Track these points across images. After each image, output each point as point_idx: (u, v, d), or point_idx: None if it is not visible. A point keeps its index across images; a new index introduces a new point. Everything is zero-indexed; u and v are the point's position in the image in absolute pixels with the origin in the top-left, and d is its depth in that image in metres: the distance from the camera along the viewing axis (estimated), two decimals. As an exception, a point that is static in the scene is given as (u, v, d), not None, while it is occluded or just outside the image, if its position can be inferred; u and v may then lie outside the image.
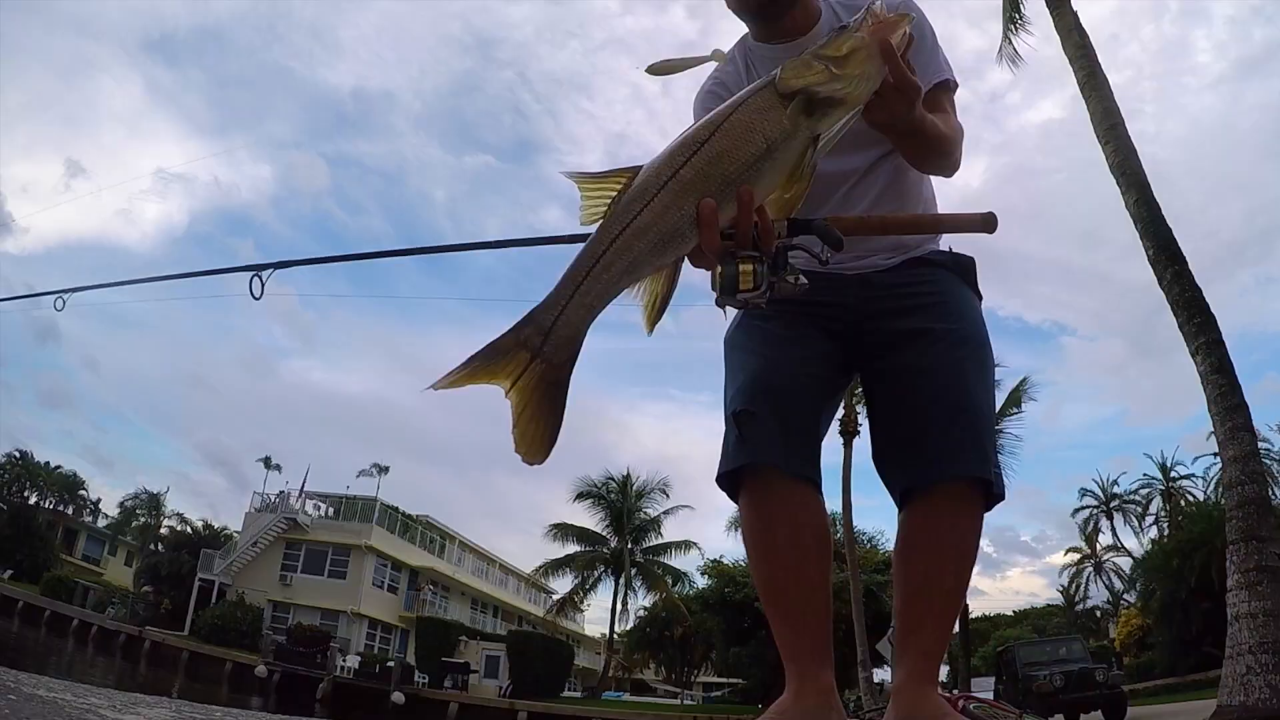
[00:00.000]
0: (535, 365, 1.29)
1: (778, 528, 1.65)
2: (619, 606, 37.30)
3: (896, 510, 1.71)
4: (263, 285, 1.84)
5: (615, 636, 38.93)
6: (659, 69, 1.53)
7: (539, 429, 1.30)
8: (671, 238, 1.29)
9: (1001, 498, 1.64)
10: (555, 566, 38.87)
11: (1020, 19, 13.58)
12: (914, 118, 1.47)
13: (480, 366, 1.29)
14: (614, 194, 1.30)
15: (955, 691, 13.46)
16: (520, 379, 1.29)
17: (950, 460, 1.58)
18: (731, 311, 1.54)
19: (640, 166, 1.32)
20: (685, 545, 37.94)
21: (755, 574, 1.72)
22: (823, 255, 1.39)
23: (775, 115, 1.28)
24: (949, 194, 1.69)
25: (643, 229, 1.27)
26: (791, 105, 1.29)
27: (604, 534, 38.04)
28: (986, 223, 1.45)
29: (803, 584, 1.64)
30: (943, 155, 1.65)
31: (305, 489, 38.10)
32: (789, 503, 1.64)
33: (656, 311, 1.34)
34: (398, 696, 26.76)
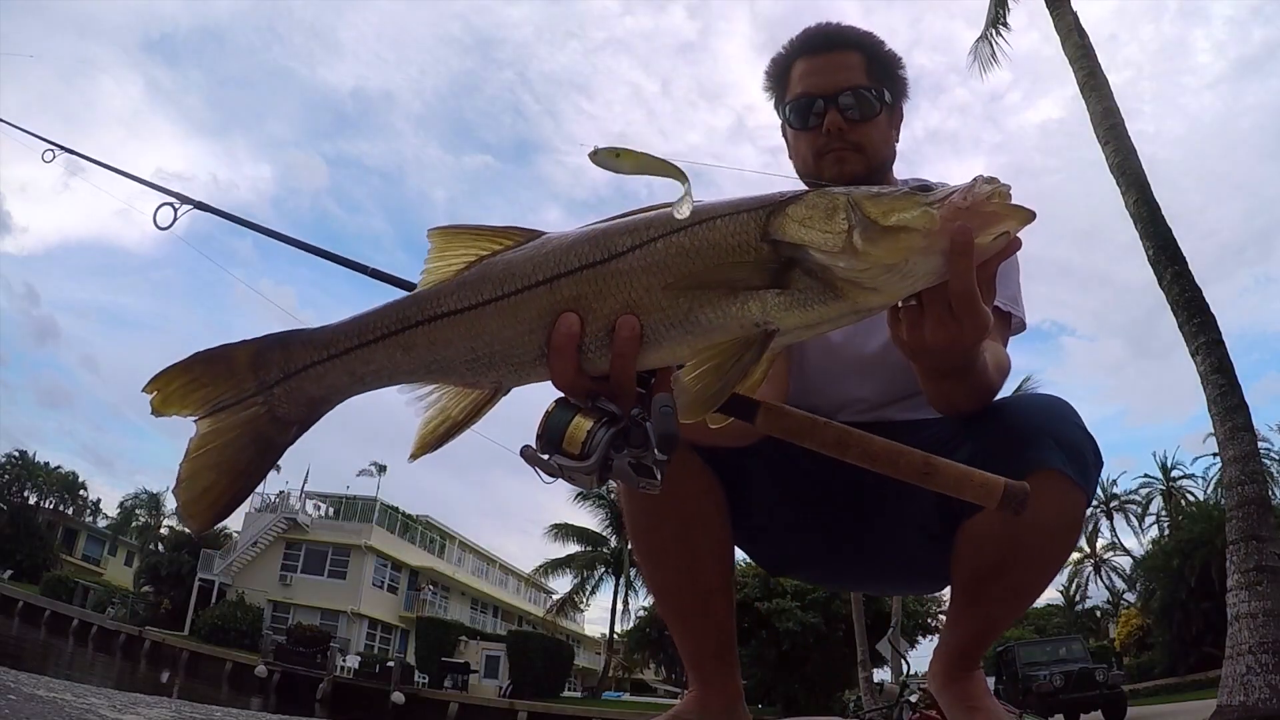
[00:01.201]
0: (253, 405, 0.95)
1: (665, 522, 1.41)
2: (619, 606, 37.34)
3: None
4: (174, 217, 1.56)
5: (615, 636, 38.92)
6: (606, 160, 0.97)
7: (218, 486, 0.95)
8: (507, 358, 0.94)
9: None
10: (555, 566, 38.86)
11: (1003, 24, 13.57)
12: (958, 364, 1.08)
13: (201, 373, 0.95)
14: (475, 258, 0.97)
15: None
16: (225, 410, 0.95)
17: (1036, 449, 1.23)
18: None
19: (539, 235, 0.97)
20: (685, 545, 37.84)
21: (645, 575, 1.52)
22: (655, 452, 0.90)
23: (735, 262, 0.89)
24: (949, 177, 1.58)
25: (475, 325, 0.93)
26: (763, 257, 0.89)
27: (604, 534, 38.03)
28: (1010, 500, 0.95)
29: (698, 587, 1.45)
30: (976, 404, 1.27)
31: (305, 489, 38.12)
32: (680, 488, 1.34)
33: (436, 439, 0.98)
34: (398, 696, 26.74)
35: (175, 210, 1.59)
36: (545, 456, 0.91)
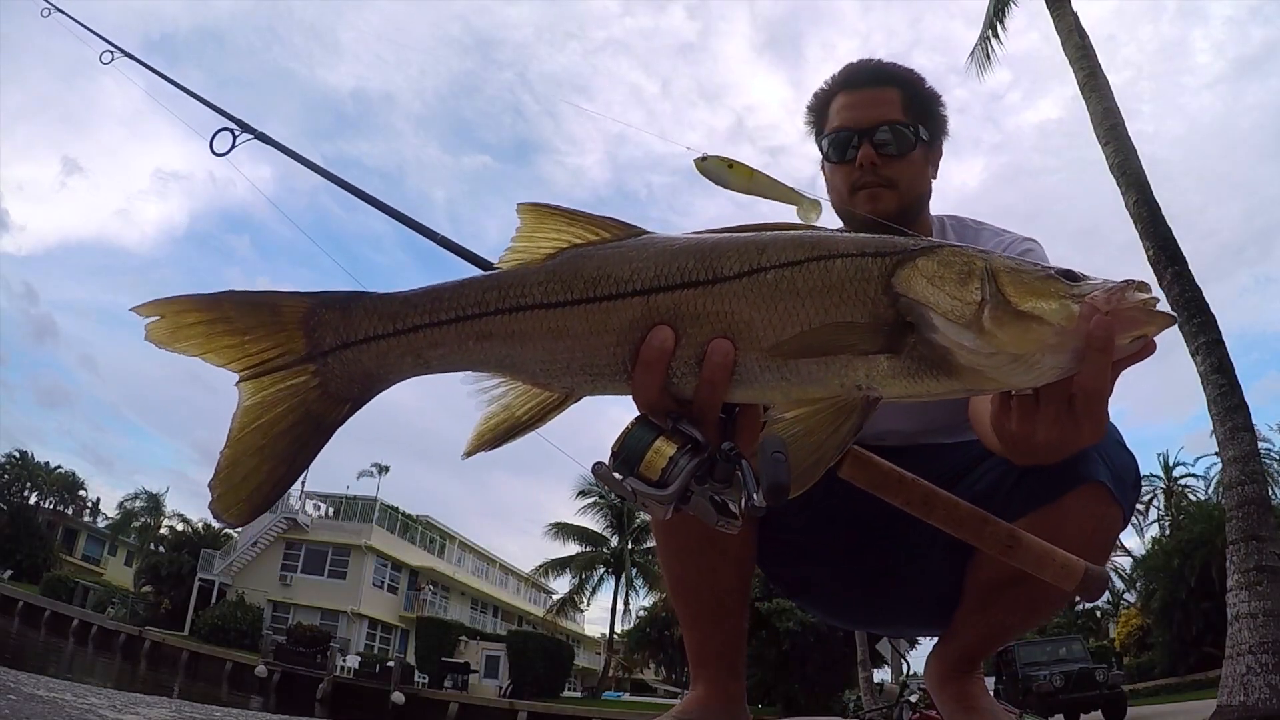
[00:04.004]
0: (305, 375, 0.85)
1: (691, 521, 1.41)
2: (619, 606, 37.35)
3: None
4: (233, 143, 1.48)
5: (615, 636, 38.91)
6: (715, 169, 0.94)
7: (260, 473, 0.84)
8: (586, 365, 0.86)
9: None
10: (555, 566, 38.87)
11: (1001, 26, 13.56)
12: (1059, 457, 1.01)
13: (234, 317, 0.84)
14: (567, 244, 0.89)
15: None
16: (274, 375, 0.84)
17: (1084, 462, 1.20)
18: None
19: (642, 233, 0.90)
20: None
21: (665, 568, 1.52)
22: (755, 498, 0.81)
23: (849, 324, 0.81)
24: (946, 193, 1.57)
25: (559, 325, 0.85)
26: (880, 313, 0.81)
27: (604, 534, 38.02)
28: (1088, 583, 0.94)
29: (716, 588, 1.45)
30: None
31: (305, 489, 38.10)
32: None
33: (494, 438, 0.90)
34: (398, 696, 26.73)
35: (234, 136, 1.53)
36: (619, 477, 0.84)
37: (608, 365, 0.86)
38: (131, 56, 1.73)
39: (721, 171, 0.90)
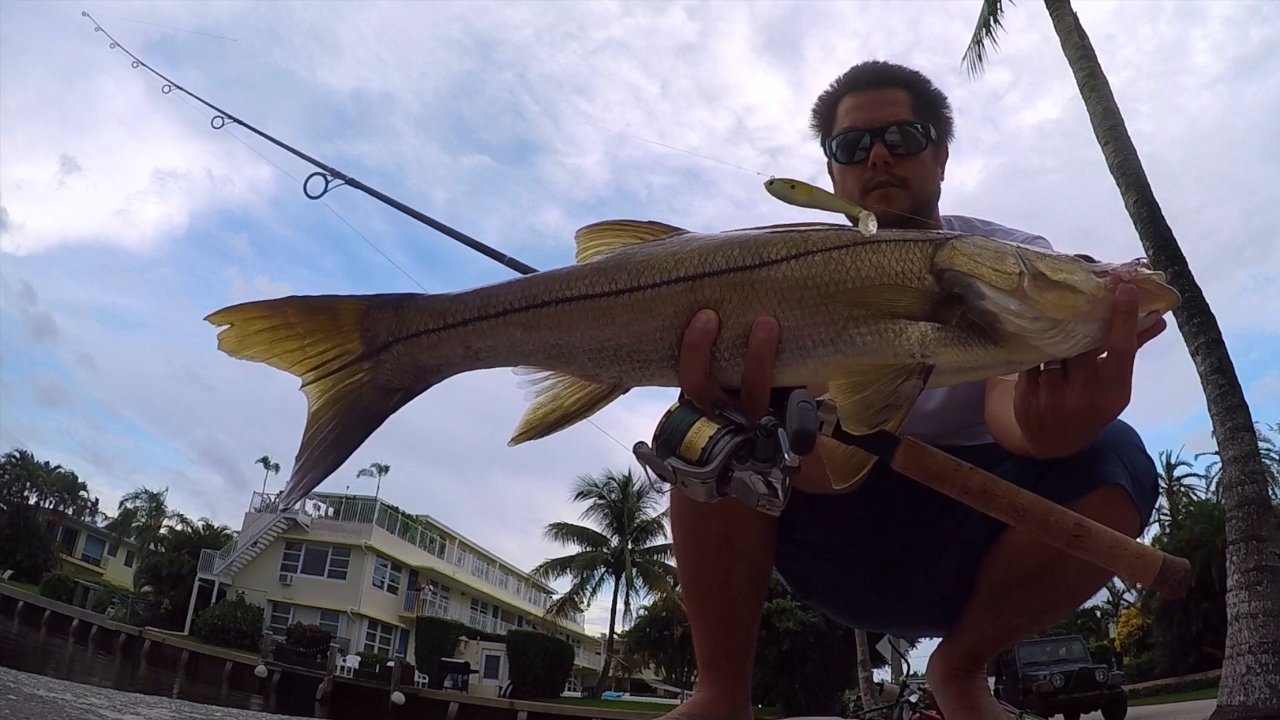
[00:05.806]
0: (361, 370, 0.90)
1: (711, 518, 1.40)
2: (619, 606, 37.33)
3: None
4: (325, 188, 1.63)
5: (615, 636, 38.90)
6: (781, 190, 0.97)
7: (323, 462, 0.91)
8: (634, 353, 0.89)
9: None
10: (555, 566, 38.86)
11: (997, 23, 13.53)
12: (1083, 443, 1.03)
13: (296, 322, 0.89)
14: (619, 245, 0.93)
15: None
16: (334, 376, 0.90)
17: (1103, 464, 1.20)
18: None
19: (685, 234, 0.93)
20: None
21: (680, 566, 1.53)
22: (787, 458, 0.84)
23: (900, 285, 0.86)
24: (945, 192, 1.57)
25: (605, 314, 0.88)
26: (929, 292, 0.86)
27: (605, 534, 38.01)
28: (1167, 576, 0.89)
29: (729, 590, 1.45)
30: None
31: (305, 489, 38.00)
32: None
33: (543, 426, 0.93)
34: (398, 696, 26.73)
35: (326, 181, 1.64)
36: (660, 458, 0.86)
37: (654, 351, 0.88)
38: (240, 121, 1.88)
39: (786, 191, 0.97)
